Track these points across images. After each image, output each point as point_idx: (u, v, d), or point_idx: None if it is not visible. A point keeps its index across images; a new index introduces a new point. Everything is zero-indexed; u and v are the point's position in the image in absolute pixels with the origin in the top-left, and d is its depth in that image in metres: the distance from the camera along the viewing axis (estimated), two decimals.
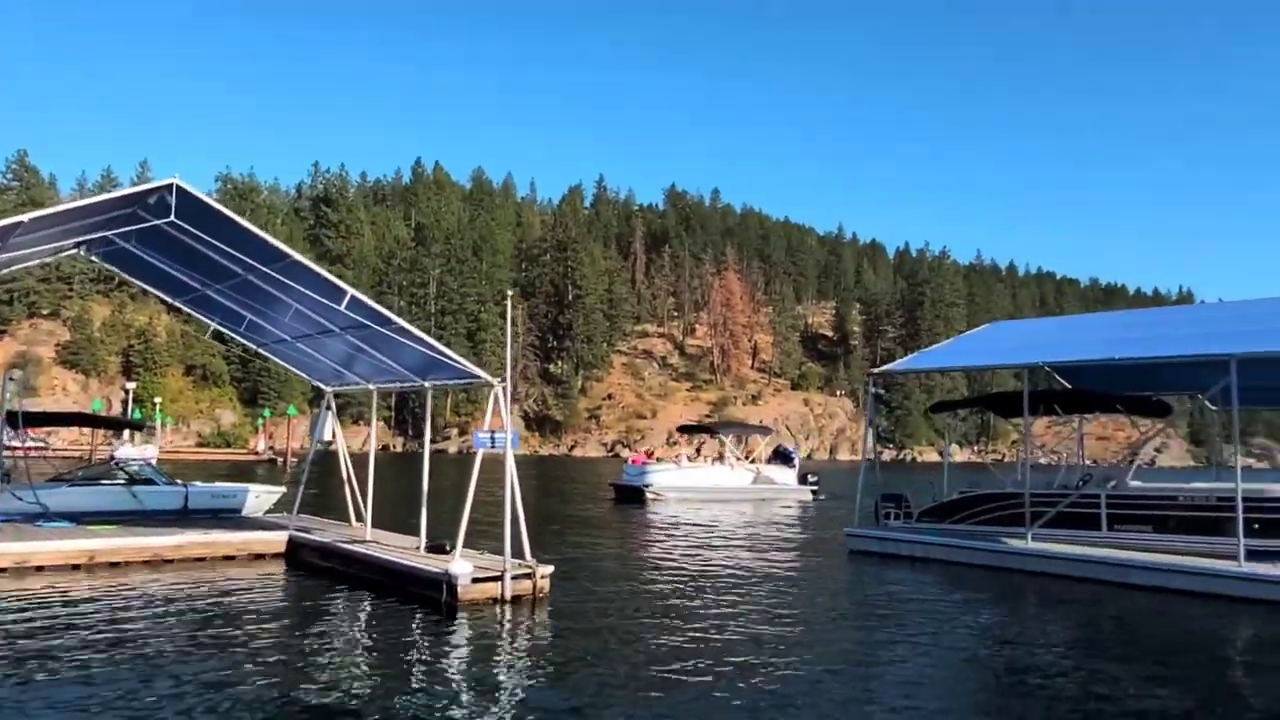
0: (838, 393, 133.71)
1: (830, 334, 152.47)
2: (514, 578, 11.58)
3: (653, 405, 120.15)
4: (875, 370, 20.56)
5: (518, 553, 11.94)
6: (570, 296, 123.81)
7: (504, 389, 11.83)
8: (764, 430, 44.23)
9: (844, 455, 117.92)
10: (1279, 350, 13.49)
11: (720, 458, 37.84)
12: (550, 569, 12.13)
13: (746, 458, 38.83)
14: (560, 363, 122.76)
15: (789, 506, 31.82)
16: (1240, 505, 13.49)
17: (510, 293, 12.51)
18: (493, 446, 11.92)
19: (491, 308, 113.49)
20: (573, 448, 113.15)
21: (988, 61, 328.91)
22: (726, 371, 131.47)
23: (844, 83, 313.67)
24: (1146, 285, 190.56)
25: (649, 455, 42.82)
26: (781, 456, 39.16)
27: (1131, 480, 16.97)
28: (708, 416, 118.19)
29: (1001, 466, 26.43)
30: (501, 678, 8.41)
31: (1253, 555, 13.59)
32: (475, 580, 11.31)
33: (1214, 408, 20.59)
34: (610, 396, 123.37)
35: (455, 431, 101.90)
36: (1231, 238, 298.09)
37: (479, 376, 12.40)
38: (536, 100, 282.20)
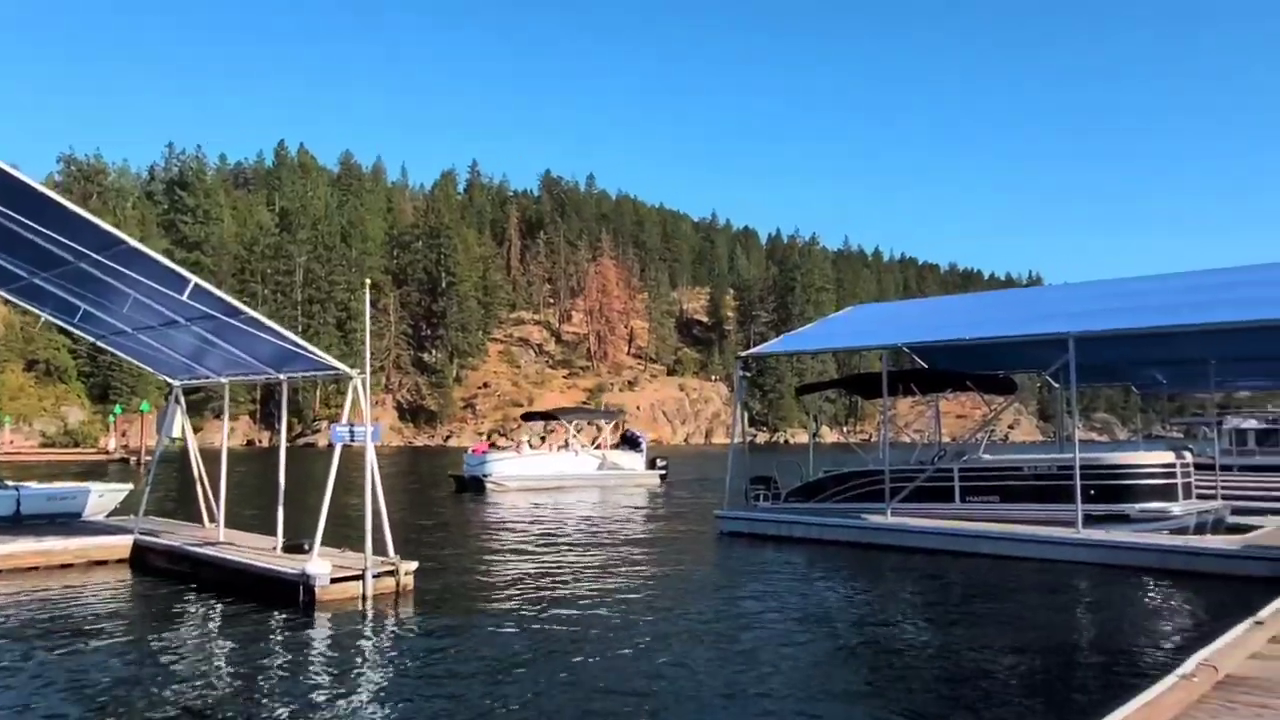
0: (713, 378, 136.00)
1: (705, 319, 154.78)
2: (376, 576, 11.22)
3: (529, 393, 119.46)
4: (743, 353, 20.91)
5: (380, 550, 11.58)
6: (444, 284, 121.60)
7: (363, 380, 11.41)
8: (610, 415, 43.58)
9: (719, 439, 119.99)
10: (1112, 329, 14.37)
11: (565, 445, 36.83)
12: (414, 565, 11.80)
13: (592, 443, 38.21)
14: (434, 351, 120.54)
15: (637, 493, 31.24)
16: (1078, 474, 14.32)
17: (369, 281, 12.05)
18: (352, 441, 11.51)
19: (362, 296, 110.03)
20: (448, 438, 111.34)
21: (852, 48, 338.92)
22: (603, 358, 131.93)
23: (715, 68, 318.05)
24: (1000, 270, 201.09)
25: (491, 444, 41.77)
26: (629, 441, 38.37)
27: (983, 454, 17.79)
28: (585, 403, 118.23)
29: (866, 446, 27.26)
30: (361, 678, 8.12)
31: (1090, 520, 14.45)
32: (334, 580, 10.91)
33: (1056, 384, 21.82)
34: (486, 385, 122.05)
35: (326, 424, 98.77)
36: (1076, 224, 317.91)
37: (337, 368, 11.94)
38: (407, 82, 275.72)
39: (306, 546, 11.86)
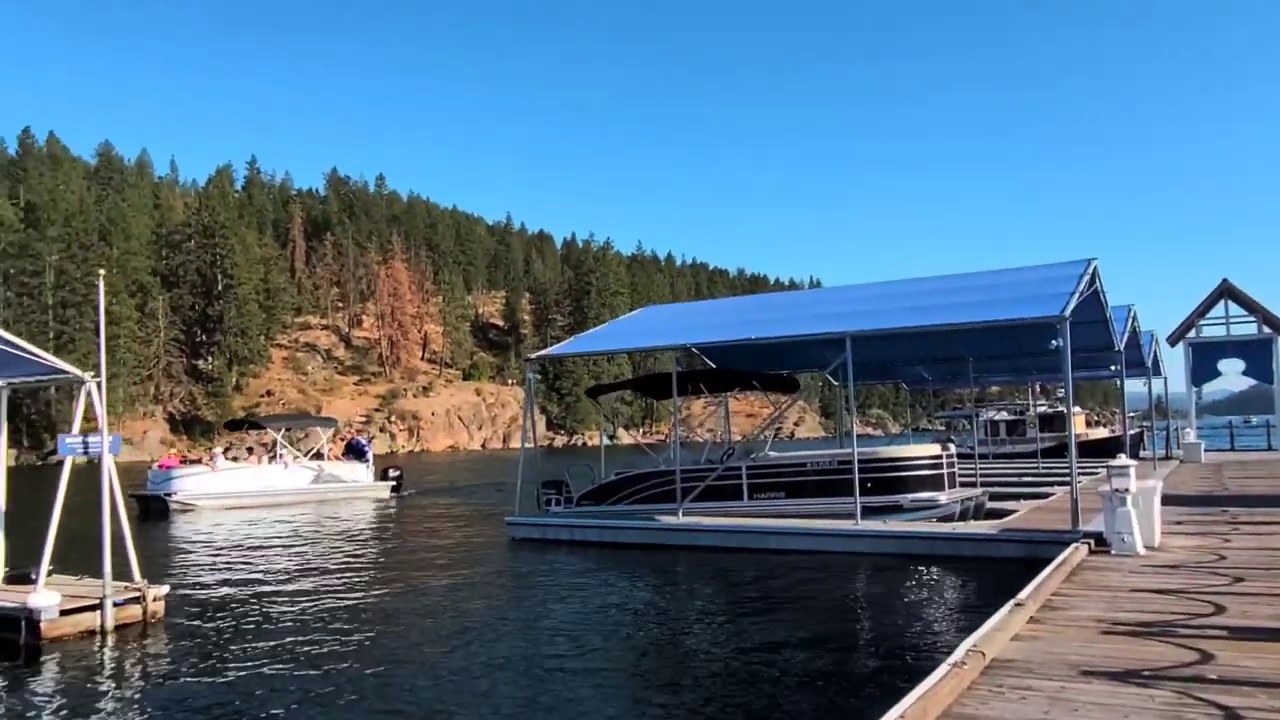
0: (509, 382, 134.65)
1: (501, 323, 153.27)
2: (117, 604, 9.96)
3: (317, 401, 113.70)
4: (532, 355, 20.52)
5: (124, 575, 10.32)
6: (221, 286, 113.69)
7: (98, 384, 10.10)
8: (326, 422, 39.69)
9: (517, 443, 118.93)
10: (884, 328, 15.04)
11: (275, 456, 32.45)
12: (165, 590, 10.60)
13: (308, 454, 34.00)
14: (211, 359, 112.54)
15: (364, 506, 28.52)
16: (856, 469, 14.88)
17: (102, 272, 10.66)
18: (86, 453, 10.18)
19: (126, 299, 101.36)
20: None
21: (641, 56, 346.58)
22: (396, 363, 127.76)
23: (508, 71, 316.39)
24: (784, 275, 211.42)
25: (184, 459, 34.20)
26: (354, 451, 34.83)
27: (769, 451, 18.23)
28: (377, 410, 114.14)
29: (660, 446, 27.47)
30: None
31: (868, 511, 15.05)
32: (65, 612, 9.58)
33: (836, 382, 22.80)
34: (270, 393, 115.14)
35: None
36: (851, 233, 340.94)
37: (65, 371, 10.52)
38: (175, 69, 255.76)
39: (34, 576, 10.40)
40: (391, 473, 33.61)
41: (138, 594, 10.22)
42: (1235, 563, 9.70)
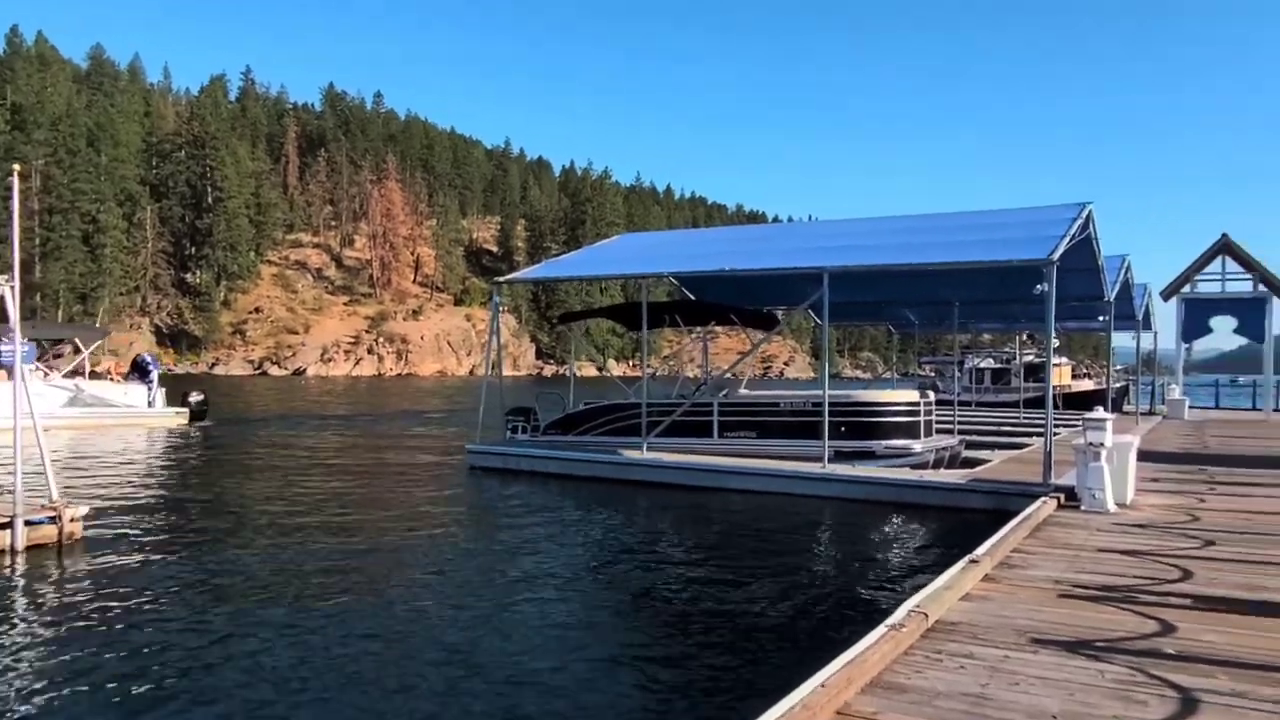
0: (502, 309, 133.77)
1: (495, 249, 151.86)
2: (30, 523, 9.43)
3: (306, 320, 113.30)
4: (500, 279, 19.82)
5: (41, 494, 9.80)
6: (210, 199, 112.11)
7: (11, 289, 9.44)
8: (92, 332, 33.79)
9: (507, 370, 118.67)
10: (863, 264, 14.35)
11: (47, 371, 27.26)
12: (84, 510, 10.08)
13: (90, 371, 28.66)
14: (199, 272, 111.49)
15: (134, 437, 23.69)
16: (827, 411, 14.34)
17: (17, 168, 9.91)
18: None
19: (114, 208, 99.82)
20: (214, 365, 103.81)
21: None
22: (386, 285, 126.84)
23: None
24: (784, 212, 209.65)
25: None
26: (138, 369, 29.30)
27: (742, 389, 17.68)
28: (366, 332, 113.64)
29: (636, 379, 26.98)
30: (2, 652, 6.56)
31: (840, 456, 14.57)
32: None
33: (818, 321, 22.18)
34: (258, 310, 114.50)
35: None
36: (851, 169, 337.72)
37: None
38: None
39: None
40: (192, 397, 28.44)
41: (53, 513, 9.68)
42: (1208, 524, 9.23)
